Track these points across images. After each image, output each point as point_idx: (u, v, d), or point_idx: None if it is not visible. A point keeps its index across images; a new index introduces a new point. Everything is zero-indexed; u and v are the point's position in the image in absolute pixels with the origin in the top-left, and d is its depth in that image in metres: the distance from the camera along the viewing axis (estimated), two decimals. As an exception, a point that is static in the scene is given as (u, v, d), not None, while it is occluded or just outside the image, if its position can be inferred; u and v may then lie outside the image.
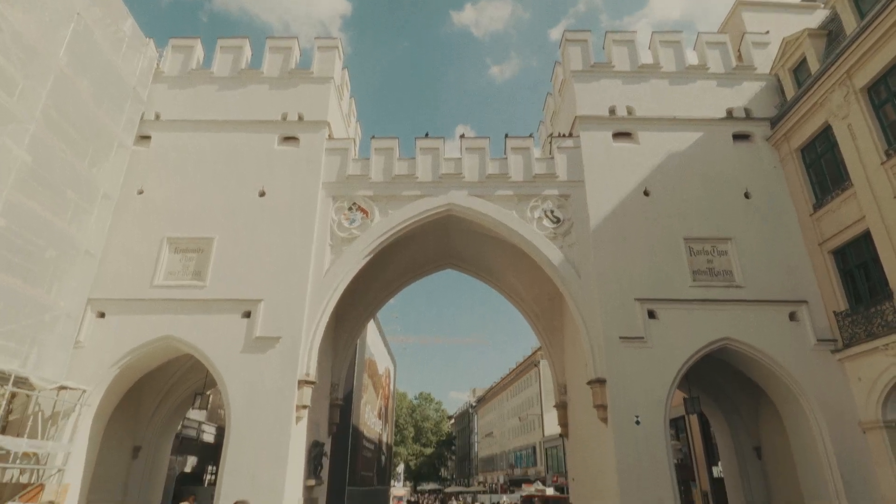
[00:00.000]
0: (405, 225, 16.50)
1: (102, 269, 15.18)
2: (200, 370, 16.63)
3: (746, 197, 16.44)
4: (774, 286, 15.26)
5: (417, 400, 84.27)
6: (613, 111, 17.74)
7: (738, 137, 17.39)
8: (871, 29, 13.41)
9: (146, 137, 17.24)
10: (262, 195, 16.41)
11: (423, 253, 19.77)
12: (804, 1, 20.60)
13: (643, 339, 14.61)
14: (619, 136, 17.42)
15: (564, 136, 17.92)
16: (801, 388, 14.23)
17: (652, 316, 14.93)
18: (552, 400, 21.77)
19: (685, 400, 17.02)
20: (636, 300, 15.05)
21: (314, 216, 16.18)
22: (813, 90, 15.47)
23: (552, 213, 16.56)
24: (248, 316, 14.86)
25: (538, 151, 18.24)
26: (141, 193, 16.36)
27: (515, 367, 67.79)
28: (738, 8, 20.58)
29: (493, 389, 78.58)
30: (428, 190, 16.89)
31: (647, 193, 16.47)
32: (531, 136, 17.97)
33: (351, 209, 16.61)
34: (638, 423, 13.82)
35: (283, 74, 18.40)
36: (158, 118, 17.58)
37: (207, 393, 17.71)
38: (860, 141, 13.95)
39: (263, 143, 17.21)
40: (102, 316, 14.80)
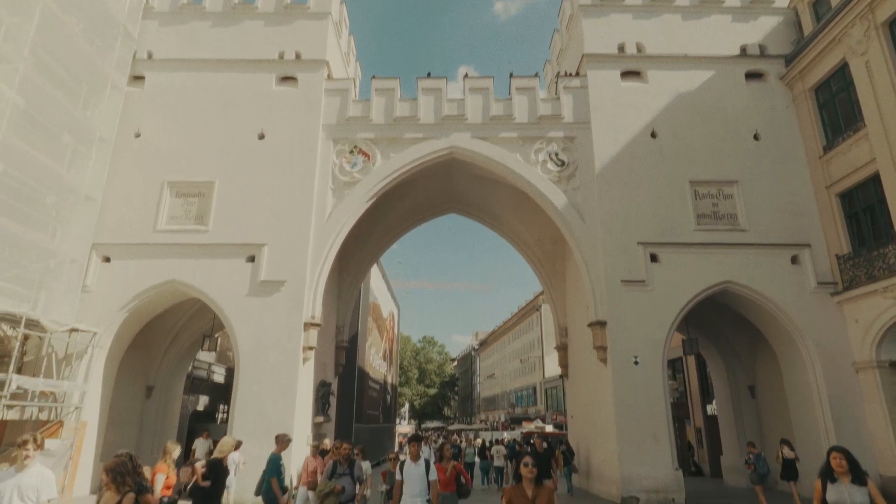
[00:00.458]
0: (407, 168, 16.29)
1: (104, 214, 15.15)
2: (208, 313, 16.94)
3: (755, 139, 16.09)
4: (778, 230, 15.20)
5: (421, 343, 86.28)
6: (622, 49, 17.09)
7: (750, 76, 16.82)
8: (899, -43, 12.65)
9: (140, 78, 16.77)
10: (261, 138, 16.12)
11: (425, 197, 19.62)
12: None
13: (644, 282, 14.72)
14: (627, 75, 16.86)
15: (571, 75, 17.35)
16: (798, 330, 14.46)
17: (654, 259, 14.97)
18: (553, 343, 22.23)
19: (684, 341, 17.36)
20: (639, 244, 15.04)
21: (315, 159, 15.95)
22: (832, 24, 14.80)
23: (557, 155, 16.28)
24: (252, 260, 14.96)
25: (544, 92, 17.72)
26: (138, 137, 16.09)
27: (517, 311, 68.81)
28: (758, -65, 19.32)
29: (495, 333, 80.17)
30: (430, 132, 16.54)
31: (654, 135, 16.12)
32: (536, 75, 17.40)
33: (352, 152, 16.35)
34: (637, 363, 14.15)
35: (278, 9, 17.63)
36: (151, 57, 17.02)
37: (216, 335, 18.11)
38: (877, 79, 13.50)
39: (261, 83, 16.73)
40: (108, 261, 14.91)
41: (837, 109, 15.38)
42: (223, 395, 25.20)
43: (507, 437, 29.60)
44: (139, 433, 17.70)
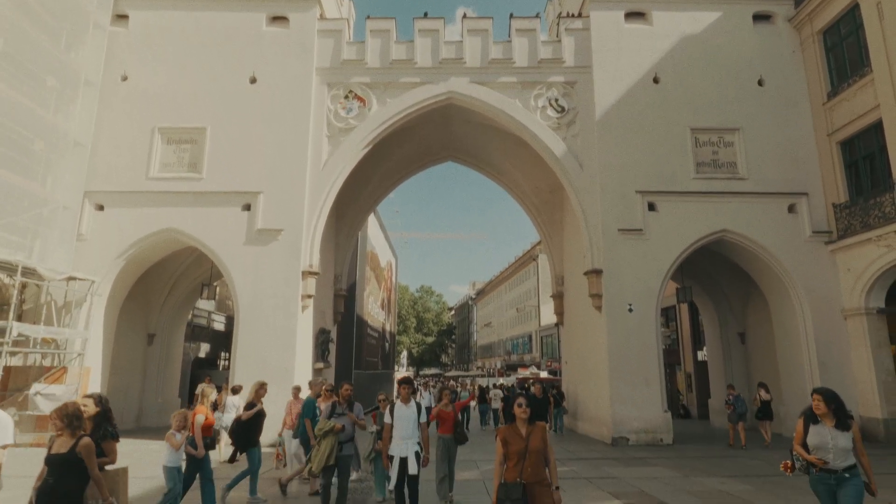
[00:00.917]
0: (404, 115, 15.92)
1: (95, 161, 14.87)
2: (206, 262, 16.96)
3: (759, 84, 15.72)
4: (777, 178, 15.11)
5: (419, 293, 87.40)
6: (627, -12, 16.37)
7: (758, 18, 16.25)
8: None
9: (123, 17, 16.05)
10: (253, 82, 15.64)
11: (423, 144, 19.28)
12: None
13: (642, 231, 14.74)
14: (631, 16, 16.25)
15: (574, 16, 16.71)
16: (791, 278, 14.64)
17: (652, 208, 14.93)
18: (549, 292, 22.48)
19: (678, 290, 17.58)
20: (637, 192, 14.96)
21: (309, 105, 15.55)
22: (846, -38, 14.17)
23: (557, 101, 15.90)
24: (248, 209, 14.84)
25: (545, 35, 17.11)
26: (125, 80, 15.57)
27: (514, 261, 69.26)
28: None
29: (492, 283, 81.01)
30: (427, 76, 16.06)
31: (656, 80, 15.71)
32: (538, 16, 16.75)
33: (347, 98, 15.92)
34: (631, 310, 14.38)
35: (265, -57, 16.67)
36: (134, -5, 16.24)
37: (214, 284, 18.22)
38: (887, 21, 13.06)
39: (251, 23, 16.06)
40: (102, 209, 14.77)
41: (845, 54, 15.00)
42: (224, 342, 25.65)
43: (502, 382, 30.50)
44: (143, 379, 18.12)
